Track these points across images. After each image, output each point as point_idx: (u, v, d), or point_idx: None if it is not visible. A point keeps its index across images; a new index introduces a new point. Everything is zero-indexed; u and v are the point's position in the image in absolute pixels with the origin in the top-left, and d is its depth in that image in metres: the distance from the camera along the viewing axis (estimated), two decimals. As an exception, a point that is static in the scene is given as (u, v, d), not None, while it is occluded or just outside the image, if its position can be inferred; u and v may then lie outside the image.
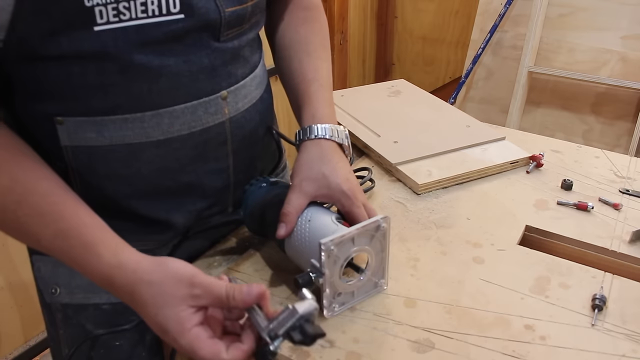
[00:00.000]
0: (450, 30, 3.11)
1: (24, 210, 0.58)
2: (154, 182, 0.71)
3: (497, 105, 2.50)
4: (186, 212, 0.76)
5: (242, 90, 0.75)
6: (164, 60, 0.64)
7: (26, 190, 0.59)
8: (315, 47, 0.84)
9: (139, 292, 0.57)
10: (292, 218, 0.70)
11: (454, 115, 1.17)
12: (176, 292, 0.56)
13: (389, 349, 0.65)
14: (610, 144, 2.25)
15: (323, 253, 0.62)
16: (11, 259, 1.66)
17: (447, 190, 0.96)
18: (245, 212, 0.77)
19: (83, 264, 0.59)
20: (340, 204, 0.71)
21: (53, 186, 0.61)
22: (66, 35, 0.58)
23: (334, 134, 0.76)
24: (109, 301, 0.75)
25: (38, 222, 0.59)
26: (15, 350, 1.74)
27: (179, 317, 0.55)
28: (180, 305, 0.55)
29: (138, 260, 0.59)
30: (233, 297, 0.55)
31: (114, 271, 0.58)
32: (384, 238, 0.68)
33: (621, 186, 0.97)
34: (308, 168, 0.73)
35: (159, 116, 0.67)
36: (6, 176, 0.58)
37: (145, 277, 0.57)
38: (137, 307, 0.58)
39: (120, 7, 0.58)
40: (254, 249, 0.81)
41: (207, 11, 0.64)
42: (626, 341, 0.66)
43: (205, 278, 0.57)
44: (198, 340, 0.54)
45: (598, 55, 2.23)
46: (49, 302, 0.76)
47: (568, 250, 0.84)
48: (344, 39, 2.81)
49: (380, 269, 0.71)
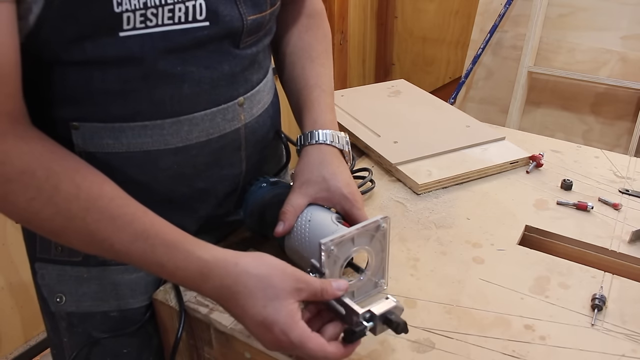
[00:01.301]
0: (450, 31, 3.11)
1: (94, 215, 0.57)
2: (170, 188, 0.71)
3: (497, 105, 2.50)
4: (198, 217, 0.76)
5: (257, 95, 0.76)
6: (187, 67, 0.64)
7: (92, 195, 0.57)
8: (318, 53, 0.85)
9: (245, 284, 0.57)
10: (291, 216, 0.71)
11: (453, 115, 1.17)
12: (285, 285, 0.57)
13: (389, 348, 0.65)
14: (610, 144, 2.25)
15: (323, 253, 0.62)
16: (12, 260, 1.66)
17: (447, 190, 0.96)
18: (245, 211, 0.77)
19: (169, 263, 0.58)
20: (340, 207, 0.72)
21: (116, 189, 0.60)
22: (91, 41, 0.57)
23: (334, 140, 0.77)
24: (118, 308, 0.74)
25: (111, 226, 0.57)
26: (16, 350, 1.74)
27: (290, 310, 0.56)
28: (290, 298, 0.57)
29: (236, 254, 0.59)
30: (326, 291, 0.59)
31: (210, 265, 0.58)
32: (384, 238, 0.68)
33: (621, 186, 0.97)
34: (309, 171, 0.74)
35: (179, 123, 0.67)
36: (69, 184, 0.56)
37: (252, 270, 0.57)
38: (238, 300, 0.57)
39: (148, 14, 0.58)
40: (254, 249, 0.81)
41: (231, 19, 0.65)
42: (626, 341, 0.66)
43: (303, 273, 0.59)
44: (307, 334, 0.56)
45: (598, 56, 2.23)
46: (53, 311, 0.75)
47: (568, 250, 0.84)
48: (344, 39, 2.81)
49: (380, 269, 0.71)
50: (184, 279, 0.59)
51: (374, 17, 3.18)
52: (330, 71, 0.86)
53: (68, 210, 0.56)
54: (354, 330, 0.57)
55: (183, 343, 0.75)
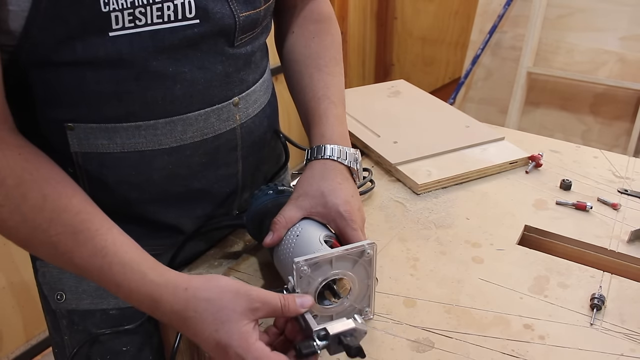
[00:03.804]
0: (450, 31, 3.12)
1: (57, 228, 0.57)
2: (165, 188, 0.71)
3: (496, 105, 2.50)
4: (195, 217, 0.76)
5: (253, 95, 0.75)
6: (179, 67, 0.64)
7: (57, 208, 0.57)
8: (326, 62, 0.82)
9: (195, 309, 0.56)
10: (281, 228, 0.68)
11: (453, 115, 1.18)
12: (236, 307, 0.56)
13: (388, 348, 0.65)
14: (608, 144, 2.26)
15: (295, 272, 0.60)
16: (13, 259, 1.66)
17: (446, 190, 0.96)
18: (248, 217, 0.76)
19: (123, 283, 0.58)
20: (334, 224, 0.69)
21: (84, 203, 0.59)
22: (81, 41, 0.57)
23: (341, 156, 0.74)
24: (117, 306, 0.75)
25: (72, 241, 0.57)
26: (17, 349, 1.74)
27: (242, 332, 0.55)
28: (242, 320, 0.55)
29: (187, 278, 0.58)
30: (287, 307, 0.57)
31: (160, 290, 0.57)
32: (369, 265, 0.64)
33: (620, 186, 0.97)
34: (308, 184, 0.71)
35: (173, 124, 0.67)
36: (36, 194, 0.56)
37: (201, 294, 0.56)
38: (189, 326, 0.57)
39: (136, 13, 0.58)
40: (254, 250, 0.82)
41: (222, 16, 0.64)
42: (624, 340, 0.66)
43: (259, 290, 0.57)
44: (264, 353, 0.54)
45: (596, 56, 2.24)
46: (54, 309, 0.76)
47: (567, 250, 0.85)
48: (344, 39, 2.81)
49: (365, 297, 0.67)
50: (139, 303, 0.59)
51: (373, 17, 3.19)
52: (339, 79, 0.83)
53: (33, 220, 0.56)
54: (301, 350, 0.55)
55: (183, 342, 0.75)
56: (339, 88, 0.82)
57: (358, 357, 0.56)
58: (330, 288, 0.64)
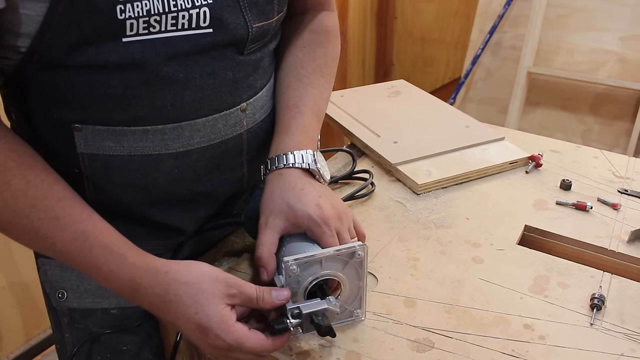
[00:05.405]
0: (450, 31, 3.12)
1: (39, 214, 0.57)
2: (170, 192, 0.71)
3: (497, 105, 2.50)
4: (198, 218, 0.76)
5: (260, 101, 0.75)
6: (190, 73, 0.64)
7: (40, 194, 0.58)
8: (308, 72, 0.78)
9: (175, 292, 0.58)
10: (268, 260, 0.66)
11: (453, 115, 1.18)
12: (215, 291, 0.58)
13: (388, 348, 0.65)
14: (608, 144, 2.26)
15: (284, 271, 0.61)
16: (13, 259, 1.66)
17: (446, 190, 0.96)
18: (245, 215, 0.76)
19: (104, 266, 0.59)
20: (310, 232, 0.66)
21: (65, 191, 0.60)
22: (94, 46, 0.57)
23: (297, 160, 0.70)
24: (118, 306, 0.75)
25: (54, 226, 0.58)
26: (17, 349, 1.74)
27: (222, 315, 0.57)
28: (221, 303, 0.58)
29: (167, 262, 0.60)
30: (262, 299, 0.60)
31: (141, 272, 0.58)
32: (360, 267, 0.64)
33: (620, 186, 0.97)
34: (271, 201, 0.68)
35: (180, 129, 0.67)
36: (20, 180, 0.57)
37: (181, 277, 0.58)
38: (170, 308, 0.58)
39: (151, 21, 0.58)
40: (254, 250, 0.82)
41: (236, 27, 0.65)
42: (625, 340, 0.66)
43: (237, 279, 0.60)
44: (243, 334, 0.57)
45: (597, 56, 2.24)
46: (55, 307, 0.76)
47: (567, 250, 0.85)
48: (344, 39, 2.81)
49: (356, 298, 0.67)
50: (119, 286, 0.60)
51: (373, 17, 3.18)
52: (319, 91, 0.79)
53: (15, 205, 0.57)
54: (274, 326, 0.59)
55: (183, 342, 0.75)
56: (316, 99, 0.78)
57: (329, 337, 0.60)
58: (320, 289, 0.65)
